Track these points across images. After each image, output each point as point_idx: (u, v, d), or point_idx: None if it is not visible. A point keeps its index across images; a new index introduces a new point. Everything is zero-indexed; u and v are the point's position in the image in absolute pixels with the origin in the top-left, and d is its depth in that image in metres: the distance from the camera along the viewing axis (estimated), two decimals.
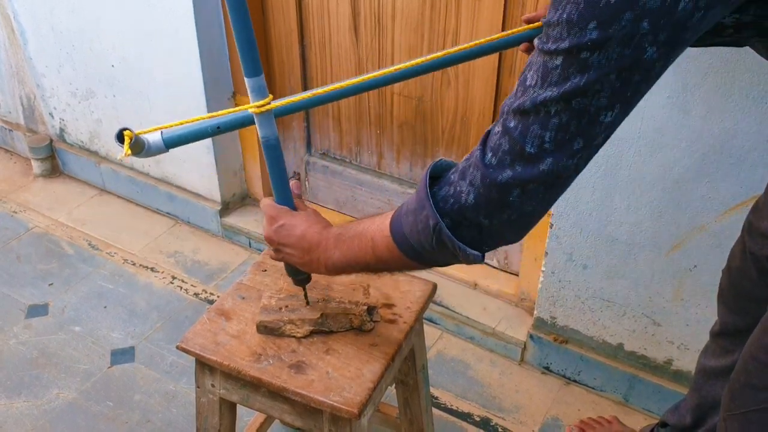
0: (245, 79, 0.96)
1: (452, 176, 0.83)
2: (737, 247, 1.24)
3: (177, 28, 1.96)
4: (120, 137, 0.95)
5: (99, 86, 2.28)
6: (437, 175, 0.86)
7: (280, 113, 1.04)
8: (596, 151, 0.76)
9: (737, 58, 1.26)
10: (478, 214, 0.79)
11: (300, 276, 1.16)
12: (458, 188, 0.80)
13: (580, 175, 0.78)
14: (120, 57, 2.15)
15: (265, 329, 1.19)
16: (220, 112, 1.03)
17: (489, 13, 1.64)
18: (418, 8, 1.73)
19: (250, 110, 0.99)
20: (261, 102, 0.98)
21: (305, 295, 1.20)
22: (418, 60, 1.02)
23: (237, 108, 1.02)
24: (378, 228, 0.93)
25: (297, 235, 1.04)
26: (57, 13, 2.20)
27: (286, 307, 1.20)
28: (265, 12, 1.99)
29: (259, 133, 1.02)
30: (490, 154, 0.77)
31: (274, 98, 1.00)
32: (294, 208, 1.10)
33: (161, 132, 1.02)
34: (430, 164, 0.86)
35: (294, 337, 1.18)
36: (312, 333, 1.18)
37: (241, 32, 0.92)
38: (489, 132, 0.79)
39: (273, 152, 1.04)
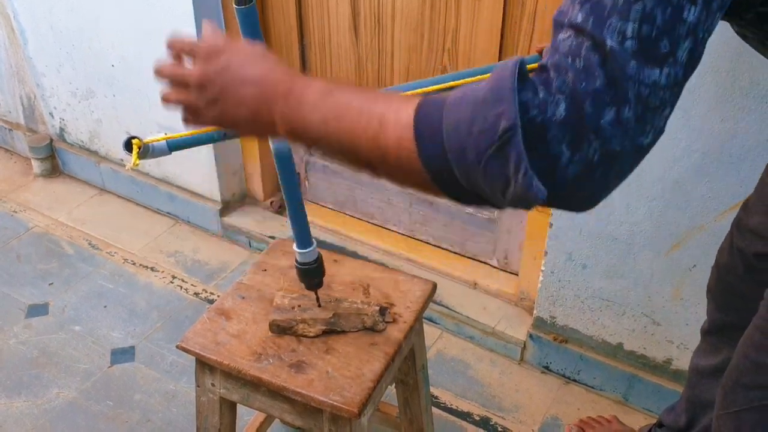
0: None
1: (536, 79, 0.64)
2: (725, 244, 1.25)
3: (177, 28, 1.96)
4: (128, 146, 0.94)
5: (99, 86, 2.28)
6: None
7: None
8: (683, 75, 0.63)
9: (737, 58, 1.26)
10: (563, 136, 0.62)
11: (314, 280, 1.18)
12: (543, 96, 0.62)
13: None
14: (120, 56, 2.15)
15: (278, 328, 1.19)
16: None
17: (489, 13, 1.64)
18: (418, 8, 1.73)
19: None
20: None
21: (317, 299, 1.21)
22: (427, 88, 1.02)
23: None
24: (394, 109, 0.67)
25: (252, 75, 0.74)
26: (56, 12, 2.20)
27: (299, 306, 1.21)
28: (264, 11, 1.99)
29: (271, 145, 1.03)
30: (569, 59, 0.61)
31: None
32: (308, 234, 1.07)
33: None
34: (518, 57, 0.65)
35: (307, 336, 1.18)
36: (324, 333, 1.19)
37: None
38: (552, 46, 0.64)
39: (287, 164, 1.05)
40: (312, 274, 1.19)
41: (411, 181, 0.69)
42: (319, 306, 1.21)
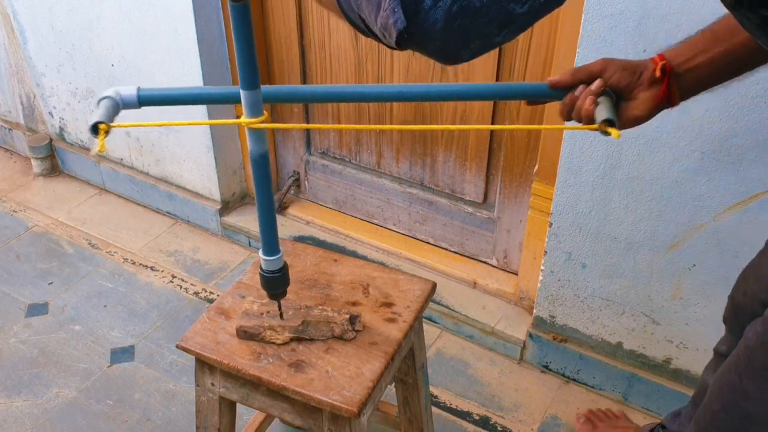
0: (241, 92, 0.95)
1: None
2: (741, 284, 1.24)
3: (176, 27, 1.96)
4: (95, 130, 0.92)
5: (99, 85, 2.28)
6: None
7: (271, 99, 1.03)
8: None
9: None
10: None
11: (274, 290, 1.15)
12: None
13: (580, 172, 0.73)
14: (120, 56, 2.15)
15: (245, 334, 1.18)
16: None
17: None
18: None
19: (245, 125, 0.98)
20: (256, 119, 0.97)
21: (280, 312, 1.18)
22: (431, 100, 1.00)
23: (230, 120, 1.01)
24: None
25: None
26: (56, 11, 2.20)
27: (268, 312, 1.19)
28: (264, 12, 1.99)
29: (249, 148, 1.01)
30: None
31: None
32: (276, 242, 1.07)
33: (138, 88, 0.98)
34: None
35: (274, 343, 1.17)
36: (292, 340, 1.18)
37: (243, 46, 0.91)
38: None
39: (261, 168, 1.04)
40: (276, 283, 1.14)
41: (325, 1, 0.76)
42: (282, 318, 1.18)
